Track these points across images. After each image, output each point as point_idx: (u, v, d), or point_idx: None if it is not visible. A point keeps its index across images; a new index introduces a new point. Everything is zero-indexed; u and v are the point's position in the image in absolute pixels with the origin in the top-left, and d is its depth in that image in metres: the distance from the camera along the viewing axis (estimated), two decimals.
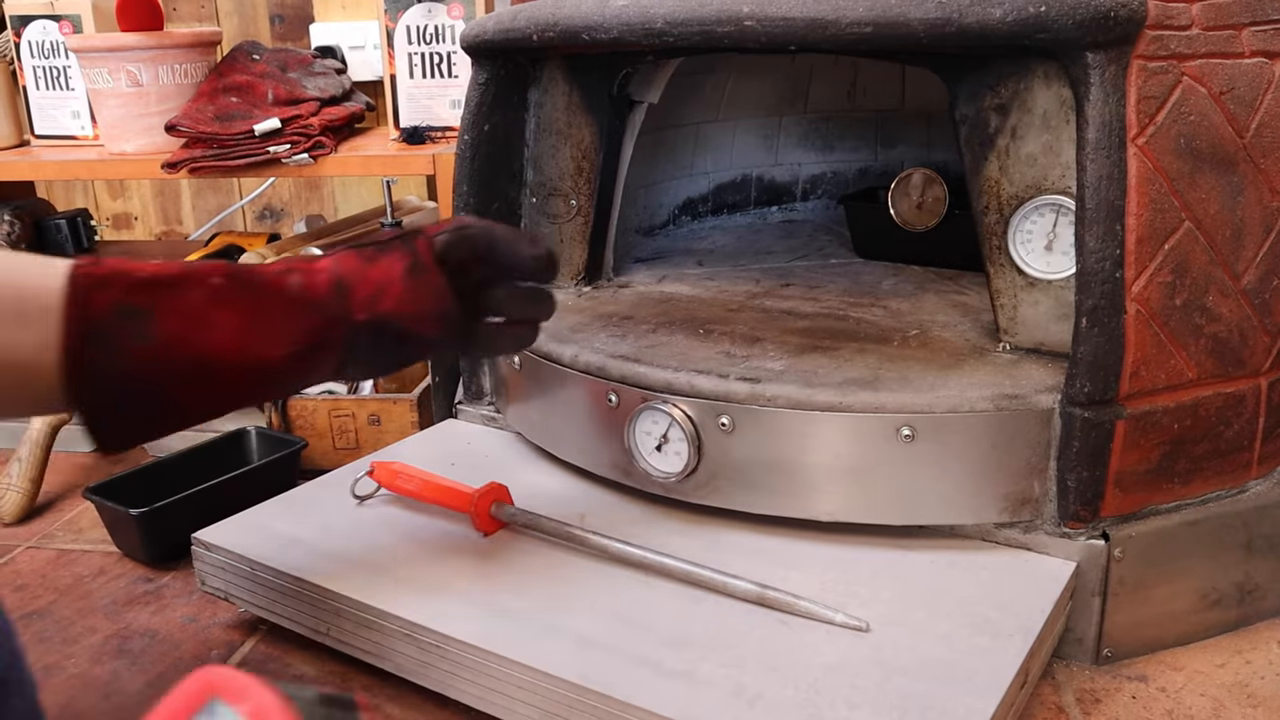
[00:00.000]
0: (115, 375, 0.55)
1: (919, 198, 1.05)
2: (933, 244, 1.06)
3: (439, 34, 1.21)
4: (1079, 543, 0.71)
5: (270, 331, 0.60)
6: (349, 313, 0.62)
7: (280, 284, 0.61)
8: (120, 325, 0.55)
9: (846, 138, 1.33)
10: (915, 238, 1.06)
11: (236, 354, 0.59)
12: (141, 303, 0.56)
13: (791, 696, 0.58)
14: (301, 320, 0.61)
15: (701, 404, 0.74)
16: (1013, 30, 0.64)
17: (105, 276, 0.55)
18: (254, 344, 0.59)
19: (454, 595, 0.70)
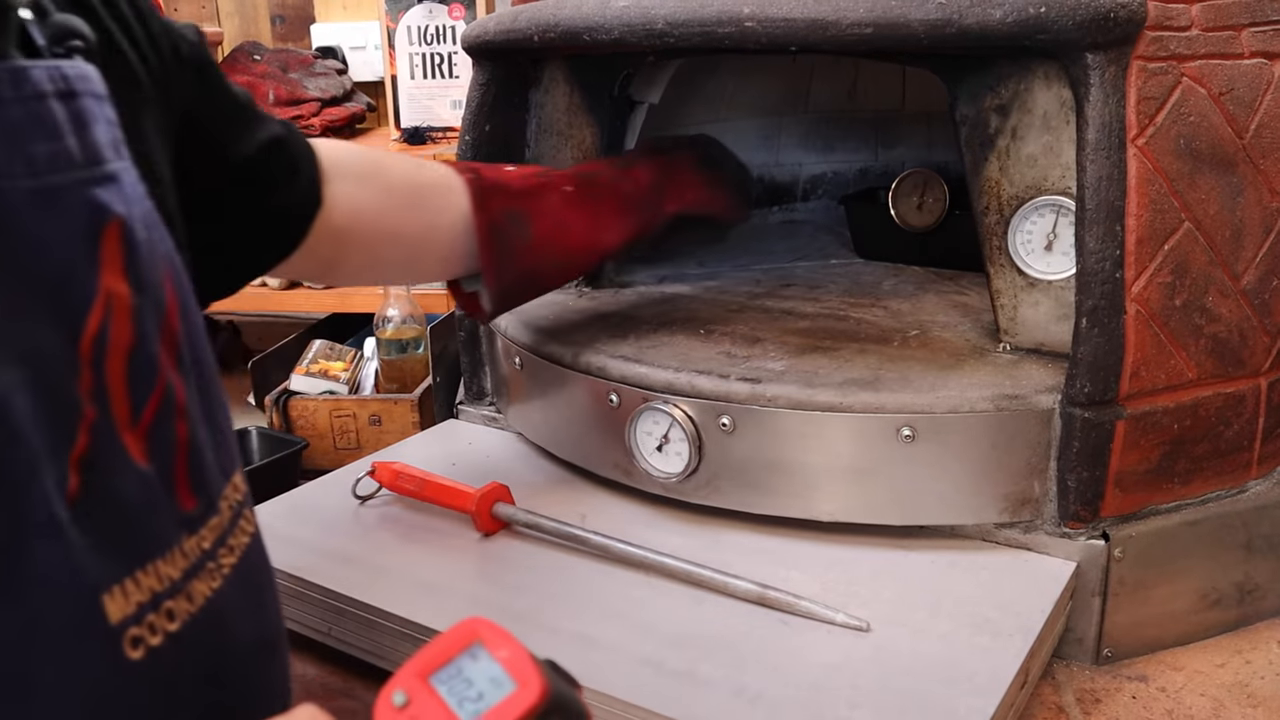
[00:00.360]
0: (507, 263, 0.74)
1: (919, 198, 1.05)
2: (933, 244, 1.06)
3: (440, 34, 1.22)
4: (1079, 543, 0.71)
5: (610, 227, 0.81)
6: (663, 207, 0.84)
7: (616, 190, 0.81)
8: (509, 225, 0.73)
9: (847, 138, 1.33)
10: (915, 238, 1.06)
11: (586, 245, 0.80)
12: (521, 207, 0.75)
13: (792, 696, 0.59)
14: (632, 217, 0.82)
15: (702, 404, 0.74)
16: (1013, 31, 0.65)
17: (493, 186, 0.74)
18: (598, 236, 0.80)
19: (455, 595, 0.71)
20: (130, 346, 0.38)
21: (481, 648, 0.33)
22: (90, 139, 0.37)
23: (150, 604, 0.37)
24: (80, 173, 0.37)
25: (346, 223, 0.67)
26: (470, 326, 0.98)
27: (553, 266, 0.78)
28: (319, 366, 1.27)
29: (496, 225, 0.72)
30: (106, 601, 0.35)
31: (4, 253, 0.34)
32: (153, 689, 0.37)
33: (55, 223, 0.35)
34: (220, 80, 0.58)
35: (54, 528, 0.34)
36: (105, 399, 0.37)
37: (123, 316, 0.38)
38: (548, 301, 0.96)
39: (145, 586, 0.37)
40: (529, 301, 0.82)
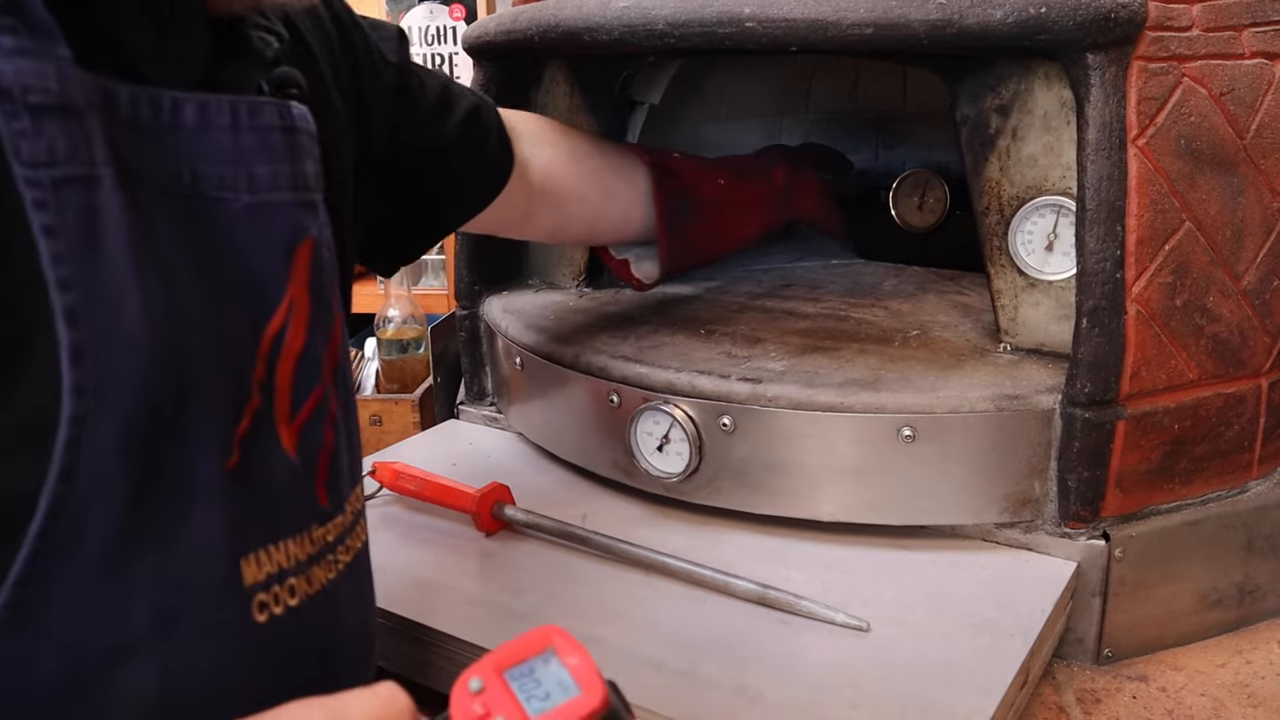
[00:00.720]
0: (676, 237, 0.88)
1: (920, 199, 1.06)
2: (934, 245, 1.06)
3: (441, 35, 1.22)
4: (1079, 543, 0.71)
5: (749, 220, 0.96)
6: (789, 209, 0.99)
7: (758, 189, 0.96)
8: (677, 206, 0.87)
9: (847, 138, 1.33)
10: (916, 238, 1.07)
11: (732, 232, 0.95)
12: (687, 191, 0.88)
13: (792, 696, 0.59)
14: (768, 214, 0.98)
15: (703, 404, 0.75)
16: (1013, 31, 0.65)
17: (667, 169, 0.87)
18: (741, 227, 0.95)
19: (455, 595, 0.71)
20: (301, 350, 0.44)
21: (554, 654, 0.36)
22: (301, 169, 0.44)
23: (277, 576, 0.43)
24: (289, 195, 0.43)
25: (540, 181, 0.79)
26: (470, 327, 0.98)
27: (707, 246, 0.93)
28: None
29: (670, 206, 0.86)
30: (243, 565, 0.41)
31: (220, 253, 0.40)
32: (271, 651, 0.42)
33: (263, 234, 0.42)
34: (419, 82, 0.68)
35: (215, 490, 0.39)
36: (271, 391, 0.43)
37: (300, 323, 0.44)
38: (548, 302, 0.96)
39: (275, 560, 0.43)
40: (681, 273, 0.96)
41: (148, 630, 0.38)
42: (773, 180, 0.96)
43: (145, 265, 0.36)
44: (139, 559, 0.37)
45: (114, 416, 0.35)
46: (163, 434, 0.37)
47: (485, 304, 0.98)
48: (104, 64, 0.37)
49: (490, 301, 0.97)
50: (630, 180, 0.86)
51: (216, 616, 0.40)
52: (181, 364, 0.38)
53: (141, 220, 0.37)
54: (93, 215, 0.35)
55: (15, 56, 0.33)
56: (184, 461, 0.38)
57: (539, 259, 1.03)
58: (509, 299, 0.97)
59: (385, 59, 0.64)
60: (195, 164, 0.40)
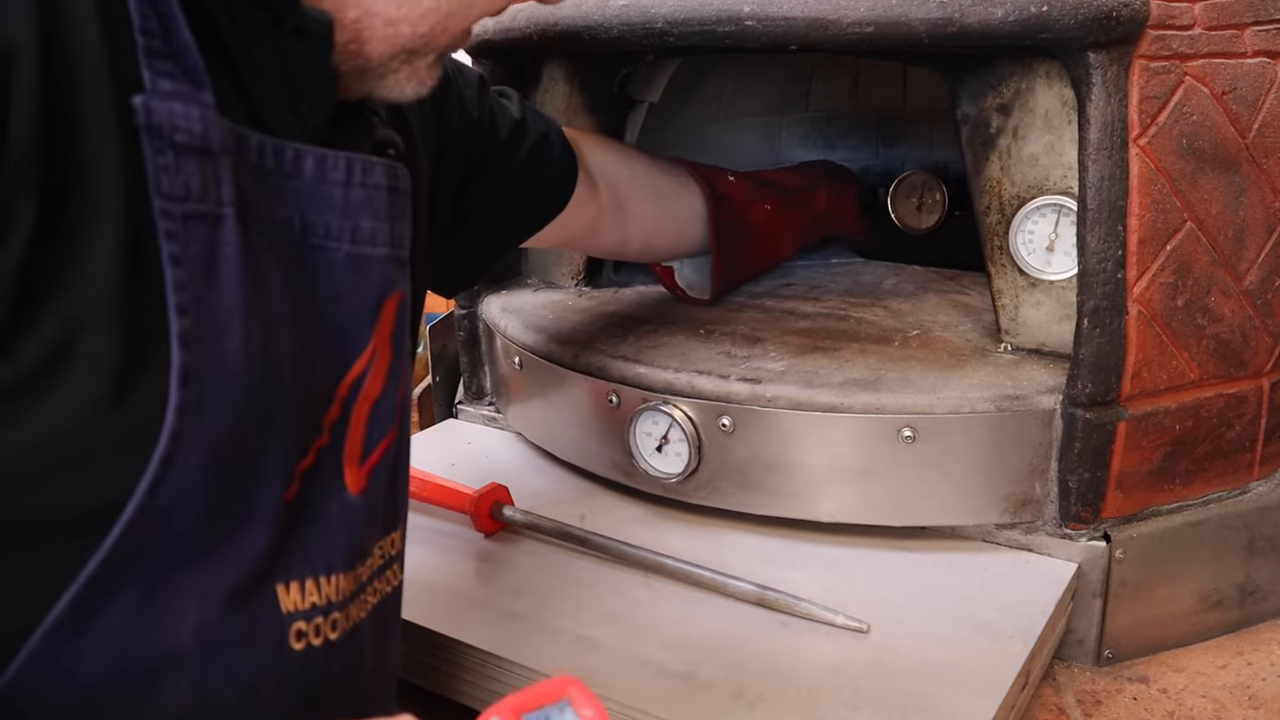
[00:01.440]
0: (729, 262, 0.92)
1: (918, 199, 1.06)
2: (932, 246, 1.06)
3: None
4: (1080, 544, 0.70)
5: (790, 241, 1.01)
6: (825, 228, 1.04)
7: (799, 210, 0.99)
8: (731, 234, 0.91)
9: (848, 137, 1.32)
10: (915, 239, 1.06)
11: (773, 252, 1.00)
12: (737, 219, 0.91)
13: (792, 698, 0.58)
14: (806, 234, 1.02)
15: (702, 404, 0.74)
16: (1014, 30, 0.64)
17: (720, 198, 0.90)
18: (782, 246, 1.00)
19: (454, 596, 0.70)
20: (378, 397, 0.46)
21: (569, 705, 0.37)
22: (400, 227, 0.46)
23: (323, 609, 0.44)
24: (385, 250, 0.45)
25: (607, 198, 0.82)
26: (469, 327, 0.98)
27: (751, 266, 0.97)
28: None
29: (724, 235, 0.89)
30: (280, 591, 0.42)
31: (317, 297, 0.43)
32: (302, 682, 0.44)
33: (359, 283, 0.44)
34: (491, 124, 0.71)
35: (269, 516, 0.41)
36: (344, 433, 0.45)
37: (380, 371, 0.46)
38: (547, 301, 0.95)
39: (323, 593, 0.44)
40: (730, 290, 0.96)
41: (192, 643, 0.39)
42: (815, 205, 1.01)
43: (252, 301, 0.39)
44: (193, 573, 0.39)
45: (206, 439, 0.38)
46: (242, 461, 0.40)
47: (484, 303, 0.97)
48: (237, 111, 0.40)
49: (489, 301, 0.97)
50: (686, 201, 0.88)
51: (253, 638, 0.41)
52: (269, 397, 0.40)
53: (253, 259, 0.39)
54: (213, 250, 0.38)
55: (170, 99, 0.36)
56: (251, 487, 0.40)
57: (538, 258, 1.02)
58: (508, 298, 0.97)
59: (467, 111, 0.68)
60: (306, 212, 0.42)
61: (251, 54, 0.41)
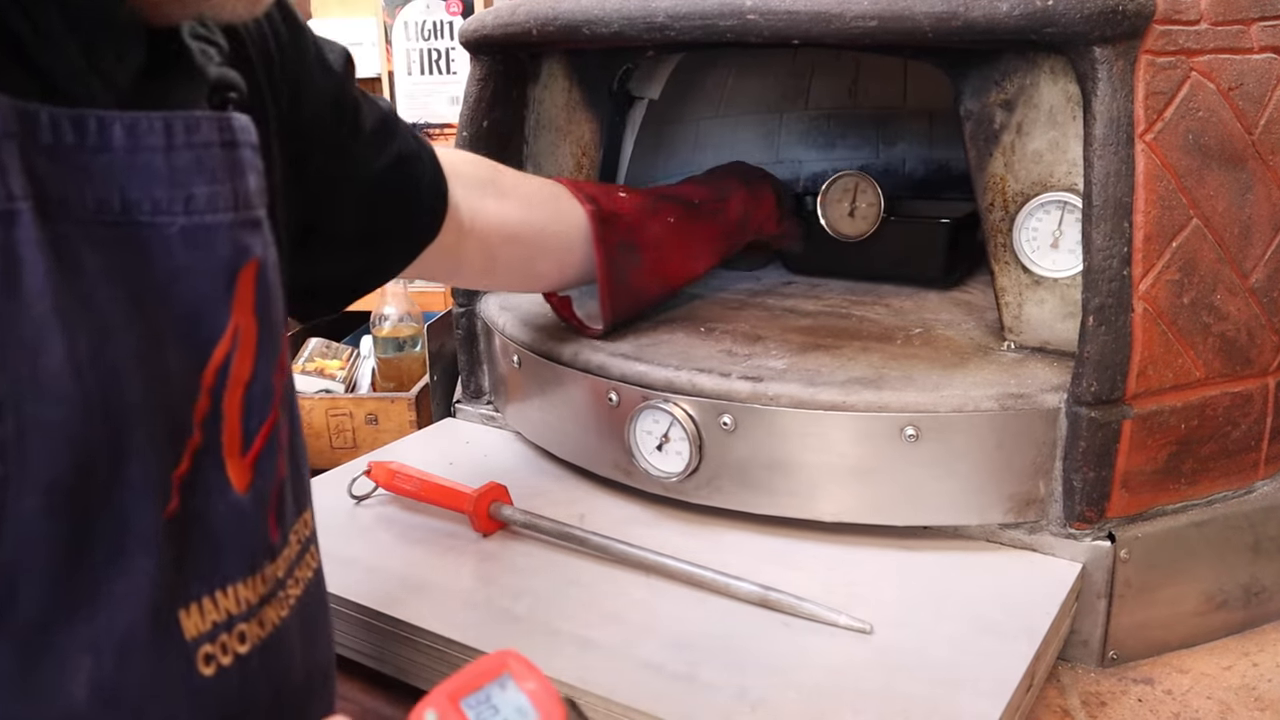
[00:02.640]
0: (621, 288, 0.81)
1: (851, 204, 0.96)
2: (866, 255, 0.97)
3: (438, 30, 1.21)
4: (1085, 544, 0.70)
5: (701, 253, 0.89)
6: (744, 236, 0.94)
7: (711, 221, 0.89)
8: (622, 255, 0.81)
9: (848, 135, 1.32)
10: (847, 249, 0.97)
11: (682, 269, 0.88)
12: (632, 239, 0.81)
13: (794, 699, 0.58)
14: (719, 245, 0.91)
15: (703, 403, 0.74)
16: (1020, 24, 0.64)
17: (611, 216, 0.80)
18: (692, 263, 0.88)
19: (453, 596, 0.70)
20: (249, 379, 0.41)
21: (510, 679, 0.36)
22: (243, 185, 0.40)
23: (225, 625, 0.40)
24: (231, 215, 0.40)
25: (467, 226, 0.72)
26: (467, 325, 0.97)
27: (655, 289, 0.86)
28: (315, 365, 1.26)
29: (613, 256, 0.80)
30: (183, 617, 0.38)
31: (155, 284, 0.37)
32: (220, 705, 0.40)
33: (202, 259, 0.39)
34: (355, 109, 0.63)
35: (150, 541, 0.36)
36: (218, 427, 0.40)
37: (247, 351, 0.41)
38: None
39: (223, 608, 0.40)
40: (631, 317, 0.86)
41: (88, 701, 0.35)
42: (728, 214, 0.91)
43: (69, 306, 0.33)
44: (72, 626, 0.34)
45: (37, 479, 0.32)
46: (94, 491, 0.34)
47: (482, 301, 0.97)
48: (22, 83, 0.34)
49: (487, 299, 0.96)
50: (568, 223, 0.79)
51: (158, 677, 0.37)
52: (114, 413, 0.35)
53: (65, 256, 0.34)
54: (7, 254, 0.32)
55: None
56: (118, 516, 0.35)
57: None
58: (506, 296, 0.96)
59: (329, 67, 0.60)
60: (126, 188, 0.36)
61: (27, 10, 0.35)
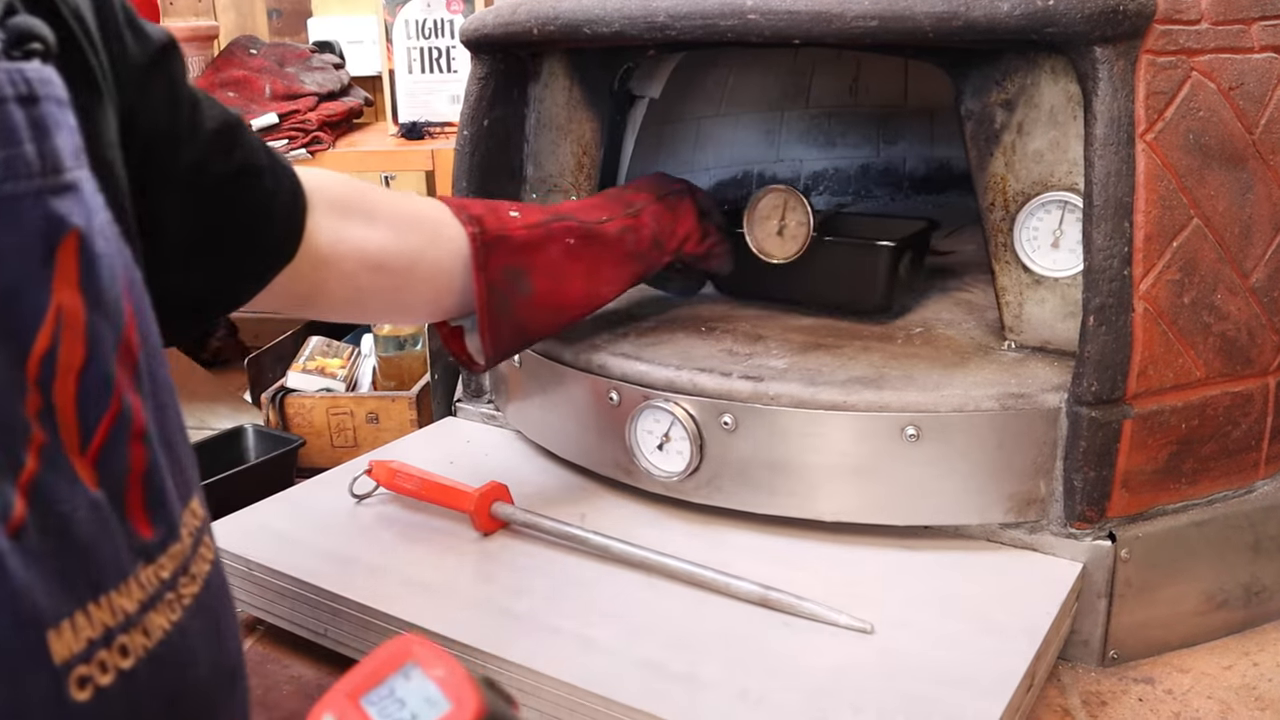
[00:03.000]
0: (505, 321, 0.73)
1: (779, 221, 0.85)
2: (799, 279, 0.87)
3: (438, 28, 1.20)
4: (1085, 543, 0.70)
5: (608, 278, 0.79)
6: (661, 257, 0.83)
7: (619, 241, 0.79)
8: (509, 283, 0.72)
9: (849, 134, 1.32)
10: (777, 271, 0.86)
11: (585, 297, 0.78)
12: (521, 264, 0.73)
13: (795, 699, 0.58)
14: (631, 268, 0.81)
15: (704, 402, 0.74)
16: (1020, 24, 0.64)
17: (496, 240, 0.71)
18: (596, 289, 0.79)
19: (453, 596, 0.70)
20: (82, 366, 0.36)
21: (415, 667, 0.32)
22: (50, 146, 0.35)
23: (102, 640, 0.35)
24: (38, 181, 0.34)
25: (327, 252, 0.63)
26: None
27: (548, 320, 0.77)
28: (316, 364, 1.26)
29: (496, 285, 0.71)
30: (52, 638, 0.33)
31: None
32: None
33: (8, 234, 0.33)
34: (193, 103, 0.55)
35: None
36: (54, 421, 0.35)
37: (75, 334, 0.36)
38: None
39: (97, 621, 0.35)
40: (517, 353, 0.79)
41: None
42: (639, 231, 0.80)
43: None
44: None
45: None
46: None
47: None
48: None
49: None
50: (448, 249, 0.70)
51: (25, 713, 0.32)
52: None
53: None
54: None
55: None
56: None
57: None
58: None
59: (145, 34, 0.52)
60: None
61: None
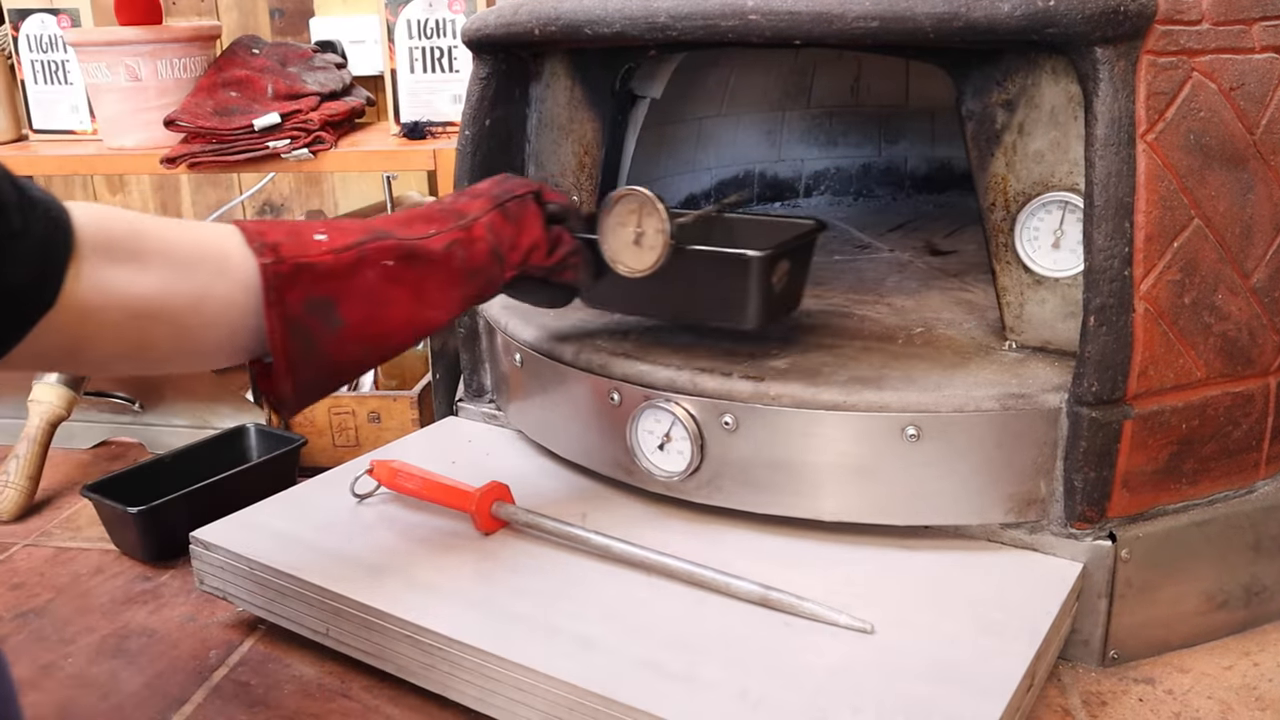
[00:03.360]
0: (309, 359, 0.63)
1: (635, 229, 0.74)
2: (664, 291, 0.77)
3: (440, 28, 1.20)
4: (1085, 543, 0.70)
5: (437, 301, 0.69)
6: (503, 272, 0.72)
7: (447, 259, 0.69)
8: (314, 317, 0.62)
9: (850, 134, 1.32)
10: (641, 284, 0.75)
11: (409, 324, 0.68)
12: (329, 294, 0.63)
13: (795, 699, 0.58)
14: (464, 287, 0.70)
15: (704, 402, 0.74)
16: (1021, 25, 0.64)
17: (293, 271, 0.61)
18: (424, 313, 0.68)
19: (454, 595, 0.70)
20: None
21: None
22: None
23: None
24: None
25: (90, 302, 0.54)
26: (470, 323, 0.97)
27: (366, 354, 0.67)
28: None
29: (296, 320, 0.61)
30: None
31: None
32: None
33: None
34: None
35: None
36: None
37: None
38: None
39: None
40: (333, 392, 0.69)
41: None
42: (472, 245, 0.70)
43: None
44: None
45: None
46: None
47: None
48: None
49: None
50: (239, 282, 0.60)
51: None
52: None
53: None
54: None
55: None
56: None
57: None
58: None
59: None
60: None
61: None
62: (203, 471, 0.95)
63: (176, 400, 1.19)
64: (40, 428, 1.07)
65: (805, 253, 0.81)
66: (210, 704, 0.71)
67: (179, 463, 0.99)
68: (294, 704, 0.70)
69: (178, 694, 0.72)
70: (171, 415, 1.19)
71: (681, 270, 0.74)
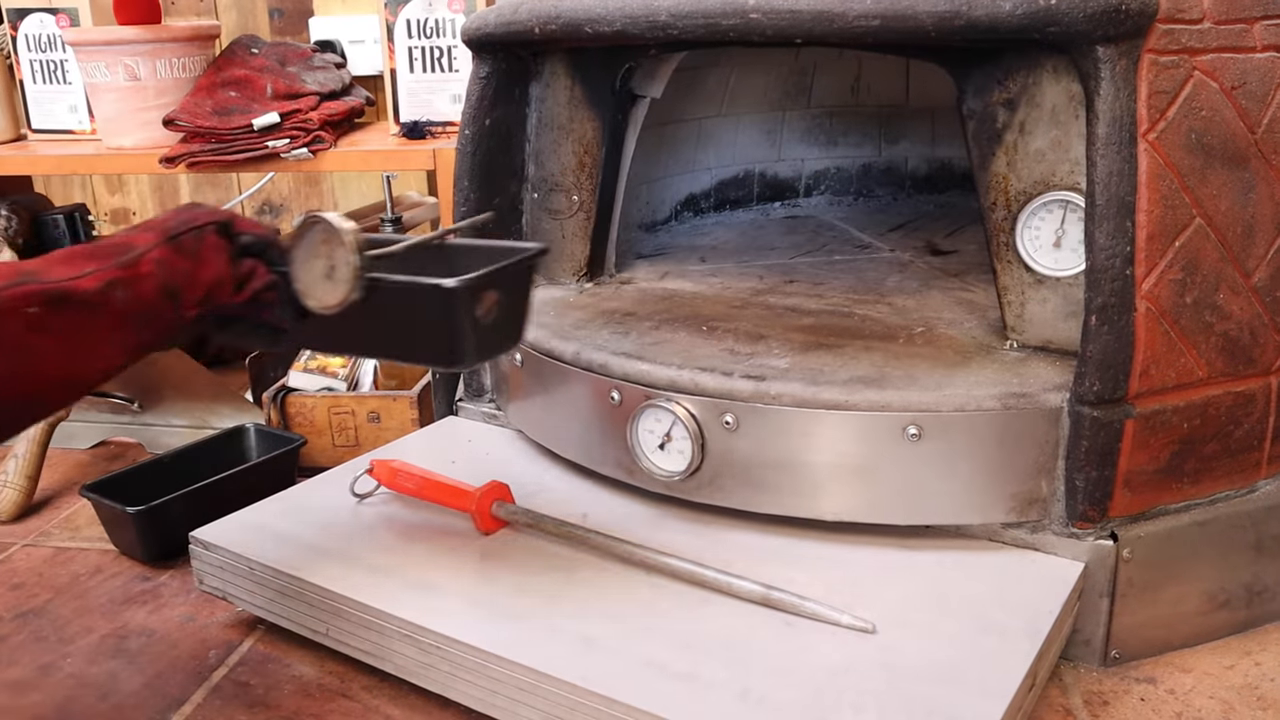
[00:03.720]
0: None
1: (327, 260, 0.64)
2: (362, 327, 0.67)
3: (439, 28, 1.20)
4: (1087, 543, 0.70)
5: (99, 349, 0.60)
6: (182, 313, 0.62)
7: (105, 300, 0.59)
8: None
9: (850, 133, 1.32)
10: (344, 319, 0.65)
11: (66, 378, 0.59)
12: None
13: (796, 699, 0.58)
14: (133, 332, 0.61)
15: (705, 402, 0.74)
16: (1022, 23, 0.63)
17: None
18: (82, 364, 0.59)
19: (455, 595, 0.70)
20: None
21: None
22: None
23: None
24: None
25: None
26: None
27: (15, 415, 0.59)
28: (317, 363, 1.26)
29: None
30: None
31: None
32: None
33: None
34: None
35: None
36: None
37: None
38: (547, 298, 0.95)
39: None
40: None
41: None
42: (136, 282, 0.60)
43: None
44: None
45: None
46: None
47: None
48: None
49: None
50: None
51: None
52: None
53: None
54: None
55: None
56: None
57: None
58: None
59: None
60: None
61: None
62: (202, 471, 0.94)
63: (176, 400, 1.19)
64: (39, 427, 1.07)
65: (519, 280, 0.69)
66: (210, 704, 0.71)
67: (178, 463, 0.99)
68: (294, 704, 0.70)
69: (177, 694, 0.72)
70: (171, 415, 1.19)
71: (381, 305, 0.64)
